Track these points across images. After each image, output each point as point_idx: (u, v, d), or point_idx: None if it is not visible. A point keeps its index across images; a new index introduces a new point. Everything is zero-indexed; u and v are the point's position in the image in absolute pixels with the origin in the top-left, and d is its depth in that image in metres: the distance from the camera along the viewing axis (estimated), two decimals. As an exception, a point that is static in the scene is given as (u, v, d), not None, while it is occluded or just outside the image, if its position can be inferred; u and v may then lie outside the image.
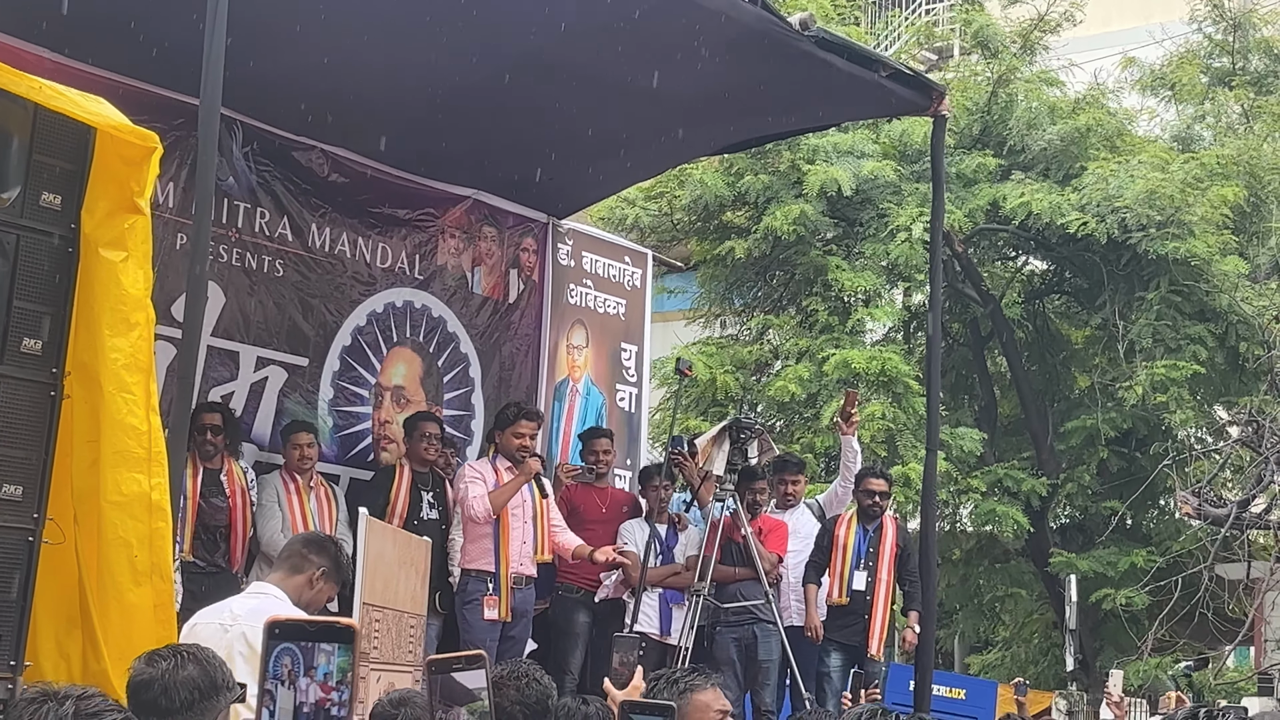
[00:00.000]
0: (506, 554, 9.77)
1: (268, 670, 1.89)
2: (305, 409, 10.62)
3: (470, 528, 9.80)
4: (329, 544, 6.14)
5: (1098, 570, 19.05)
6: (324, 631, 1.91)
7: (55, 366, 5.28)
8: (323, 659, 1.88)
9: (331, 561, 5.93)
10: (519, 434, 9.90)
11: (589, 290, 12.59)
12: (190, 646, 4.03)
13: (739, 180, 18.86)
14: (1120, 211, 17.87)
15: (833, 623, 10.57)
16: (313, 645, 1.89)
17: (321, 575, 5.84)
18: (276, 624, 1.92)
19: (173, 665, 3.72)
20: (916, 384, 17.43)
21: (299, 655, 1.89)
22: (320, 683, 1.88)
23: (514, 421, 9.96)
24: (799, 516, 11.11)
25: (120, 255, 5.26)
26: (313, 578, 5.82)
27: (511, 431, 9.91)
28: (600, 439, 11.09)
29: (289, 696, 1.87)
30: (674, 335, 20.49)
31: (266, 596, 5.63)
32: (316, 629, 1.92)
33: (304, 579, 5.81)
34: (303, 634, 1.91)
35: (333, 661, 1.89)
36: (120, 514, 5.19)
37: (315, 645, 1.89)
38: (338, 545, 6.32)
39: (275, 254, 10.54)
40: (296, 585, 5.78)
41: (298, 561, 5.86)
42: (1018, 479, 19.14)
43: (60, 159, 5.34)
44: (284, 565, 5.93)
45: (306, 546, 5.96)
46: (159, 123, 8.34)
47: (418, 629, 8.32)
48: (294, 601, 5.70)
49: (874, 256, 18.49)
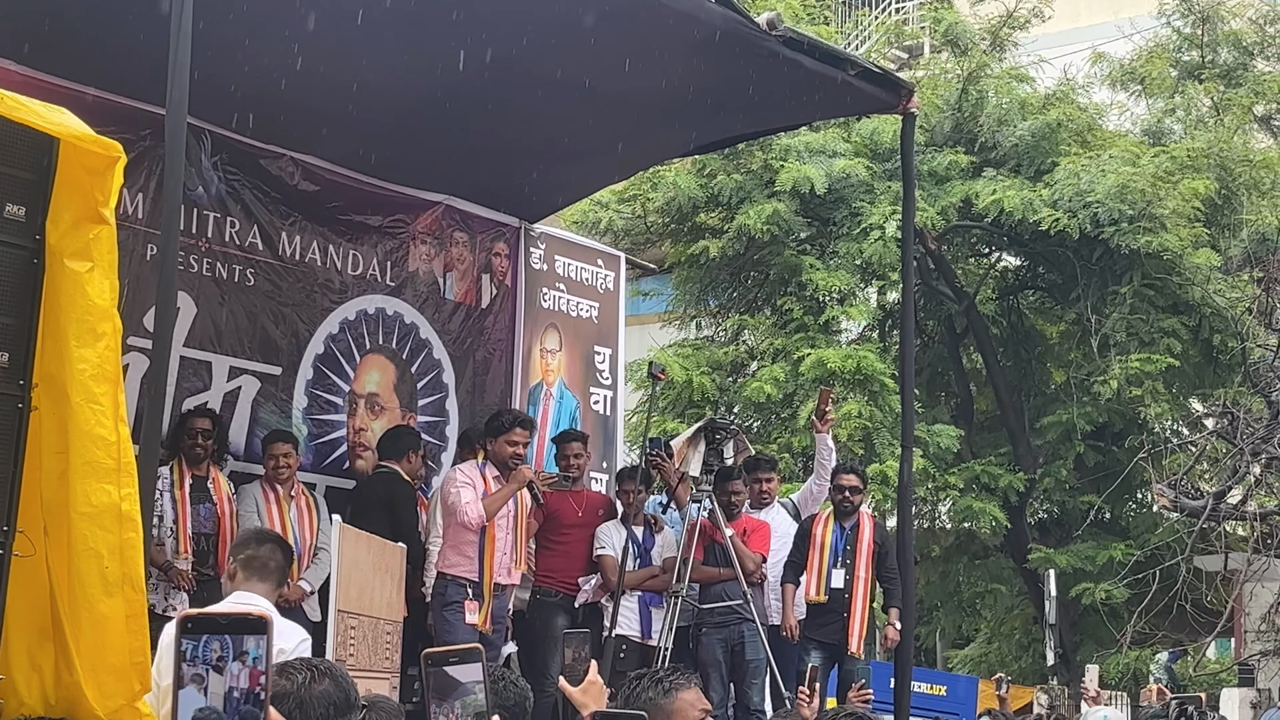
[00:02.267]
0: (491, 563, 9.73)
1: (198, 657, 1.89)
2: (280, 418, 10.59)
3: (454, 533, 9.73)
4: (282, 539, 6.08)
5: (1076, 565, 19.10)
6: (238, 624, 1.92)
7: (22, 378, 5.25)
8: (251, 644, 1.89)
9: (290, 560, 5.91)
10: (513, 442, 9.83)
11: (562, 294, 12.58)
12: (321, 661, 3.96)
13: (712, 181, 18.88)
14: (1092, 206, 17.93)
15: (812, 621, 10.57)
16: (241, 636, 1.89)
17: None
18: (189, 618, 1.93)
19: (308, 679, 3.64)
20: (892, 382, 17.47)
21: (229, 642, 1.89)
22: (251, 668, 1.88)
23: (509, 430, 9.88)
24: (775, 515, 11.11)
25: (86, 266, 5.23)
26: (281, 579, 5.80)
27: (505, 440, 9.84)
28: (573, 442, 11.04)
29: (220, 682, 1.87)
30: (650, 338, 20.50)
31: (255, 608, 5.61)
32: (229, 621, 1.92)
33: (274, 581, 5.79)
34: (216, 627, 1.91)
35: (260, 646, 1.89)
36: (90, 525, 5.16)
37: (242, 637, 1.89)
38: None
39: (246, 263, 10.50)
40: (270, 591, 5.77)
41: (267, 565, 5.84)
42: (995, 475, 19.20)
43: (23, 170, 5.30)
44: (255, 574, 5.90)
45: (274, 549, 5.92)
46: (126, 133, 8.29)
47: (394, 635, 8.31)
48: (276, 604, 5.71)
49: (848, 255, 18.53)
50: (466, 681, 2.53)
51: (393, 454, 10.34)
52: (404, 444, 10.42)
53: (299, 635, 5.41)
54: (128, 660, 5.18)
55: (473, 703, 2.52)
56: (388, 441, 10.50)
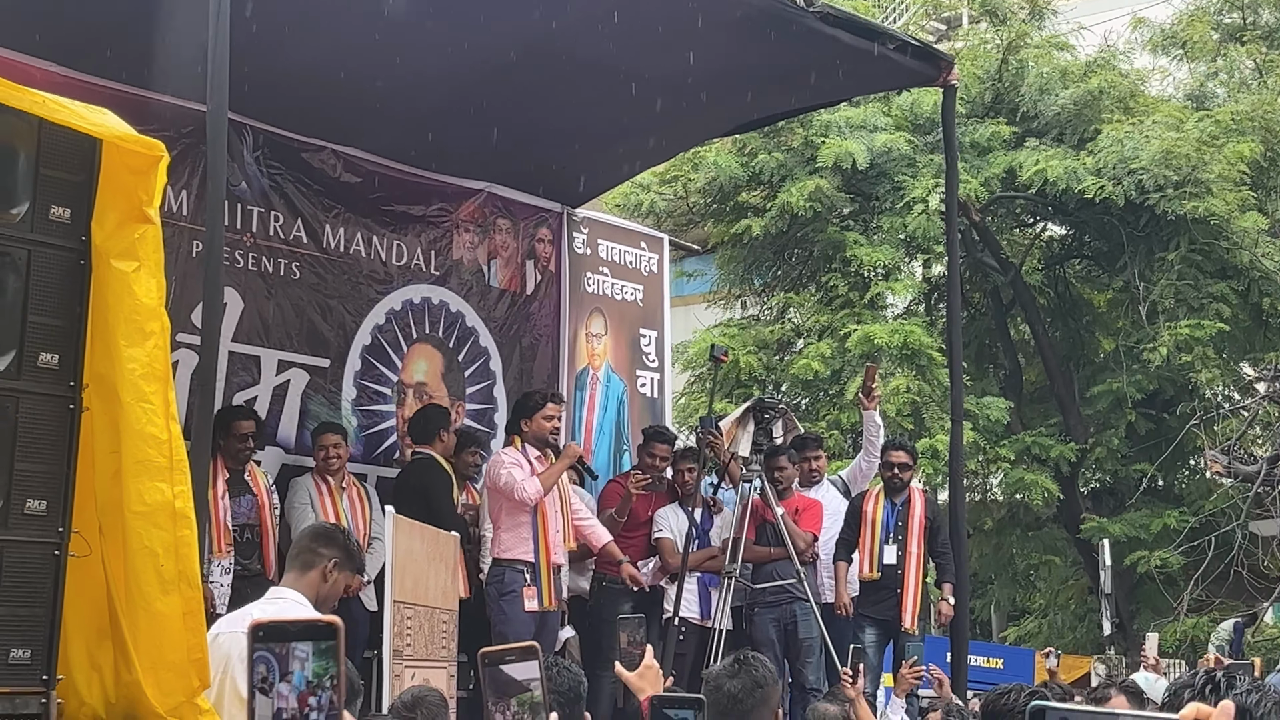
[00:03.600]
0: (546, 542, 9.73)
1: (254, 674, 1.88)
2: (329, 410, 10.63)
3: (507, 517, 9.73)
4: (336, 533, 6.05)
5: (1130, 533, 19.01)
6: (307, 630, 1.90)
7: (73, 379, 5.27)
8: (297, 665, 1.87)
9: (342, 551, 5.86)
10: (548, 417, 9.87)
11: (606, 278, 12.57)
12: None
13: (753, 160, 18.84)
14: (1137, 173, 17.80)
15: (865, 598, 10.55)
16: (288, 652, 1.87)
17: (334, 566, 5.78)
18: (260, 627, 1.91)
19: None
20: (940, 355, 17.40)
21: (273, 663, 1.87)
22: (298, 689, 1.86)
23: (542, 407, 9.92)
24: (824, 493, 11.08)
25: (132, 265, 5.24)
26: (325, 571, 5.76)
27: (541, 416, 9.87)
28: (661, 444, 10.99)
29: (267, 704, 1.86)
30: (695, 319, 20.48)
31: (285, 601, 5.60)
32: (299, 628, 1.91)
33: (317, 574, 5.75)
34: (285, 634, 1.90)
35: (308, 667, 1.87)
36: (145, 523, 5.18)
37: (290, 652, 1.87)
38: (345, 533, 6.24)
39: (291, 256, 10.54)
40: (311, 583, 5.73)
41: (308, 558, 5.80)
42: (1046, 446, 19.11)
43: (67, 172, 5.32)
44: (295, 564, 5.87)
45: (314, 541, 5.89)
46: (168, 131, 8.35)
47: (450, 624, 8.33)
48: (311, 600, 5.66)
49: (891, 230, 18.47)
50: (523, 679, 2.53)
51: (424, 438, 10.29)
52: (433, 425, 10.35)
53: None
54: (186, 657, 5.20)
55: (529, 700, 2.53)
56: (417, 426, 10.44)
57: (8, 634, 5.08)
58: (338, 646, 1.90)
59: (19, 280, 5.20)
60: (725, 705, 4.53)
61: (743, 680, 4.57)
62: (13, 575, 5.11)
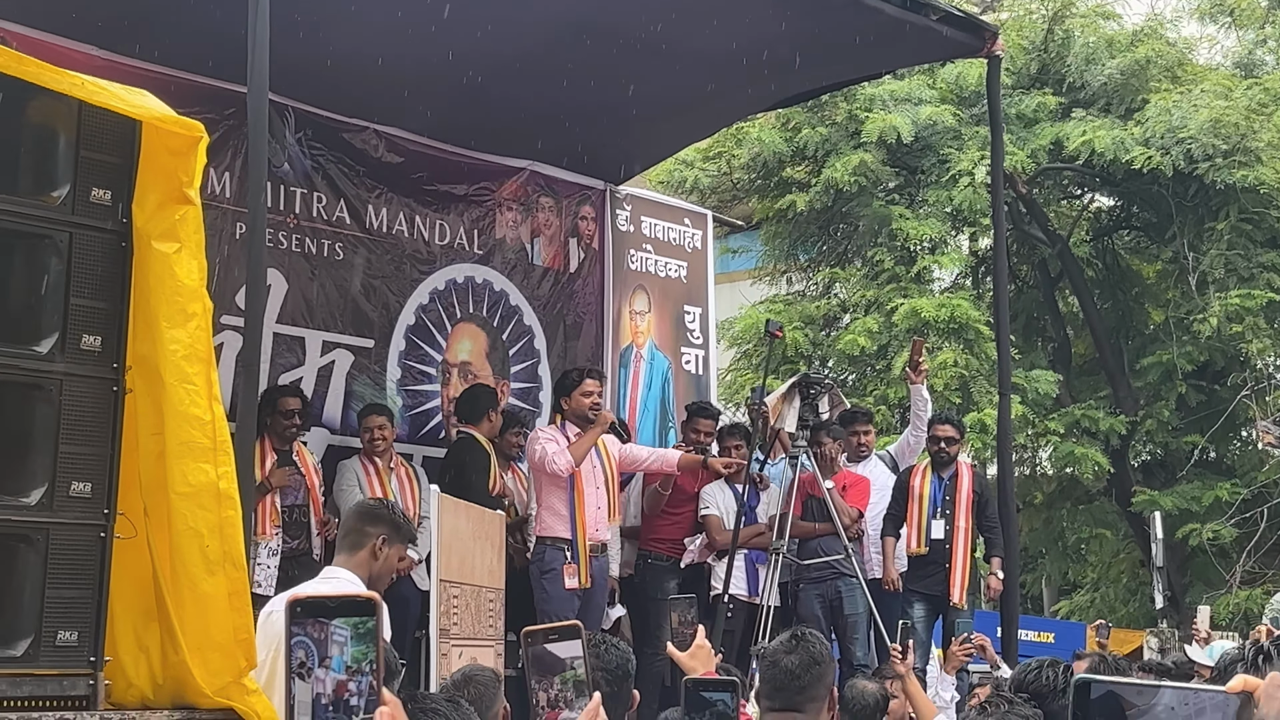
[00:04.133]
0: (583, 519, 9.72)
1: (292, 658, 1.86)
2: (374, 390, 10.64)
3: (545, 495, 9.74)
4: (381, 509, 6.04)
5: (1182, 506, 18.90)
6: (346, 606, 1.88)
7: (116, 362, 5.27)
8: (335, 650, 1.85)
9: (389, 525, 5.85)
10: (587, 393, 9.83)
11: (649, 255, 12.54)
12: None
13: (797, 135, 18.78)
14: (1185, 142, 17.65)
15: (913, 573, 10.51)
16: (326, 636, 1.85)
17: (383, 543, 5.77)
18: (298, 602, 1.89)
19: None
20: (987, 329, 17.31)
21: (312, 648, 1.85)
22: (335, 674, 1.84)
23: (580, 382, 9.89)
24: (872, 468, 11.04)
25: (173, 247, 5.24)
26: (375, 549, 5.76)
27: (579, 392, 9.84)
28: (705, 419, 10.95)
29: (306, 690, 1.84)
30: (740, 295, 20.43)
31: (339, 580, 5.61)
32: (337, 604, 1.88)
33: (366, 553, 5.75)
34: (324, 611, 1.87)
35: (346, 651, 1.85)
36: (189, 504, 5.18)
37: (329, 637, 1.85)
38: (390, 506, 6.23)
39: (334, 237, 10.56)
40: (361, 562, 5.73)
41: (356, 538, 5.80)
42: (1095, 419, 19.00)
43: (107, 154, 5.32)
44: (344, 546, 5.87)
45: (360, 520, 5.88)
46: (210, 113, 8.38)
47: (496, 603, 8.33)
48: (365, 579, 5.66)
49: (937, 203, 18.39)
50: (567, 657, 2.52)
51: (471, 417, 10.26)
52: (481, 405, 10.32)
53: None
54: (232, 637, 5.21)
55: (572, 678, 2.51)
56: (464, 405, 10.42)
57: (55, 616, 5.10)
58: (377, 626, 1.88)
59: (61, 263, 5.21)
60: (781, 681, 4.50)
61: (800, 656, 4.54)
62: (59, 558, 5.12)
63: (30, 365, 5.12)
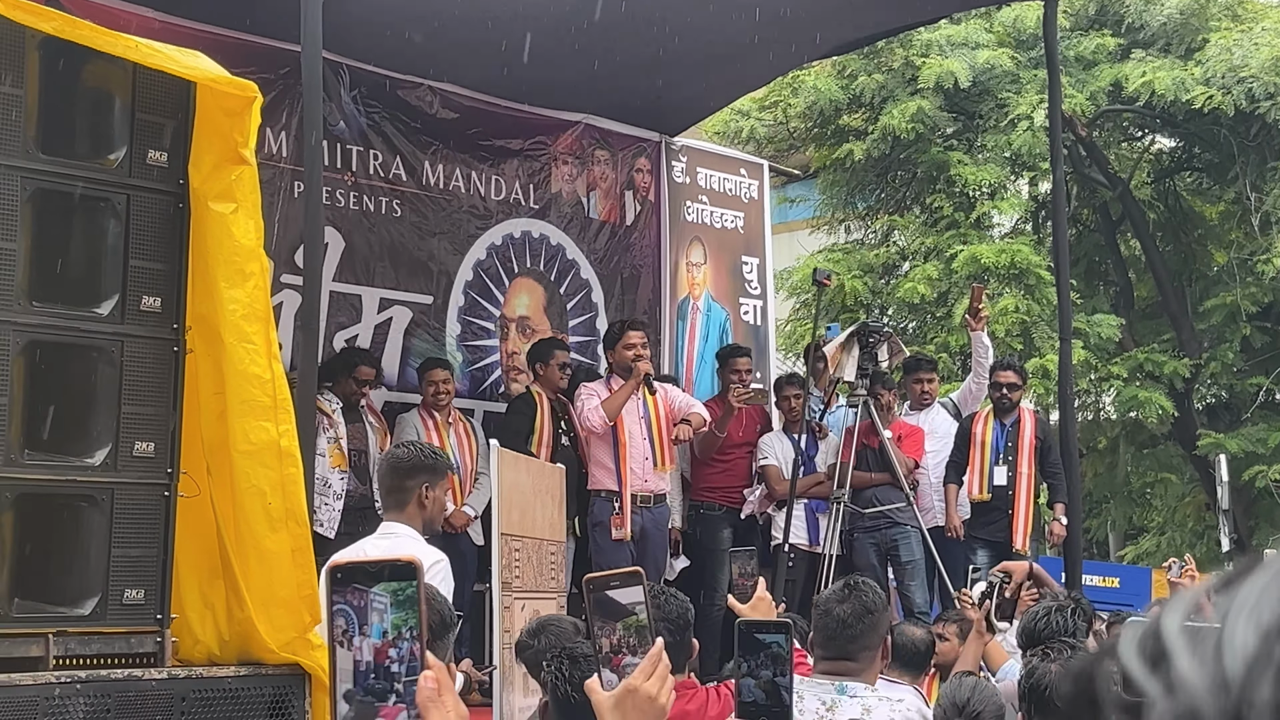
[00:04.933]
0: (626, 471, 9.75)
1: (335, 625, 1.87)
2: (433, 346, 10.69)
3: (591, 449, 9.80)
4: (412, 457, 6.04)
5: (1247, 448, 18.73)
6: (388, 570, 1.89)
7: (176, 322, 5.33)
8: (375, 618, 1.86)
9: (426, 471, 5.89)
10: (629, 345, 9.84)
11: (705, 206, 12.51)
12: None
13: (853, 82, 18.63)
14: (1246, 82, 17.41)
15: (976, 520, 10.49)
16: (365, 604, 1.86)
17: (426, 489, 5.83)
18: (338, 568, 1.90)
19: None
20: (1048, 274, 17.16)
21: (352, 615, 1.86)
22: (375, 641, 1.85)
23: (622, 335, 9.92)
24: (934, 416, 11.01)
25: (230, 207, 5.28)
26: (420, 499, 5.81)
27: (622, 345, 9.86)
28: (741, 357, 10.94)
29: (347, 657, 1.85)
30: (798, 245, 20.36)
31: (398, 537, 5.65)
32: (378, 568, 1.89)
33: (413, 506, 5.81)
34: (364, 576, 1.88)
35: (386, 619, 1.86)
36: (251, 463, 5.24)
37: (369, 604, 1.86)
38: (418, 447, 6.27)
39: (391, 194, 10.59)
40: (412, 515, 5.80)
41: (400, 495, 5.85)
42: (1159, 362, 18.84)
43: (163, 116, 5.36)
44: (391, 503, 5.93)
45: (397, 476, 5.91)
46: (265, 73, 8.42)
47: (558, 555, 8.37)
48: (420, 530, 5.74)
49: (996, 148, 18.23)
50: (628, 603, 2.53)
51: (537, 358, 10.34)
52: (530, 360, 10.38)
53: (432, 557, 5.45)
54: (296, 594, 5.27)
55: (635, 623, 2.52)
56: (532, 351, 10.52)
57: (121, 575, 5.17)
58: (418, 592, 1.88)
59: (119, 225, 5.26)
60: (834, 630, 4.52)
61: (852, 605, 4.55)
62: (124, 517, 5.19)
63: (92, 327, 5.19)
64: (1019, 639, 5.07)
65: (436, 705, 1.82)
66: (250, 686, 5.25)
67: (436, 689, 1.82)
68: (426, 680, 1.82)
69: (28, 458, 4.99)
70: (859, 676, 4.50)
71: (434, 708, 1.82)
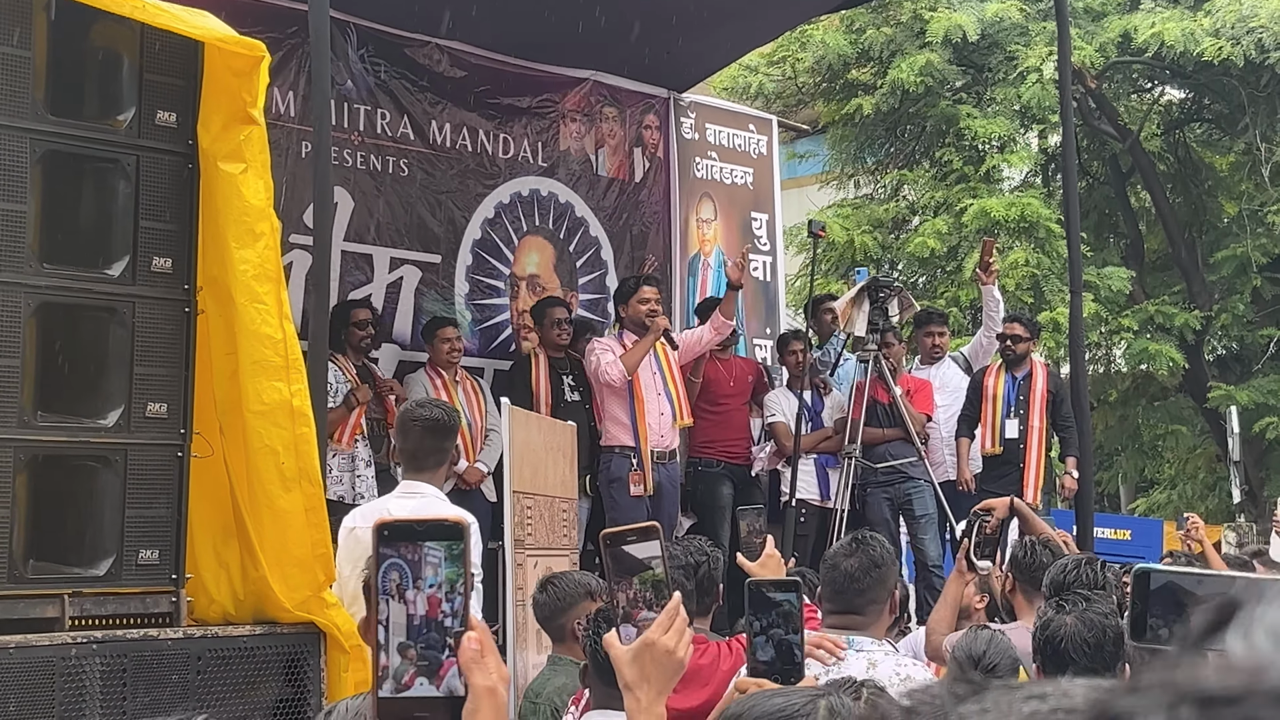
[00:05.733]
0: (644, 426, 9.75)
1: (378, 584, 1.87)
2: (443, 305, 10.69)
3: (608, 405, 9.79)
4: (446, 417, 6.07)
5: (1258, 400, 18.72)
6: (433, 529, 1.89)
7: (187, 283, 5.33)
8: (429, 571, 1.86)
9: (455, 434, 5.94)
10: (644, 300, 9.84)
11: (714, 162, 12.49)
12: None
13: (861, 36, 18.57)
14: (1256, 32, 17.33)
15: (988, 473, 10.49)
16: (419, 558, 1.86)
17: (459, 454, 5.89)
18: (385, 526, 1.90)
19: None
20: (1058, 227, 17.12)
21: (406, 569, 1.86)
22: (429, 594, 1.86)
23: (636, 289, 9.91)
24: (945, 370, 11.01)
25: (239, 167, 5.28)
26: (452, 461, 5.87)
27: (636, 299, 9.85)
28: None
29: (400, 610, 1.85)
30: (808, 200, 20.31)
31: (424, 496, 5.67)
32: (425, 527, 1.89)
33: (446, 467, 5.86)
34: (411, 534, 1.88)
35: (440, 573, 1.86)
36: (264, 423, 5.26)
37: (423, 558, 1.86)
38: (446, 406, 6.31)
39: (399, 154, 10.57)
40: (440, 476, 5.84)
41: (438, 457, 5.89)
42: (1170, 314, 18.82)
43: (171, 76, 5.36)
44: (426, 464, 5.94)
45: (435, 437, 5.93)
46: (272, 32, 8.37)
47: (570, 512, 8.39)
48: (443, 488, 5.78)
49: (1005, 101, 18.17)
50: (645, 557, 2.53)
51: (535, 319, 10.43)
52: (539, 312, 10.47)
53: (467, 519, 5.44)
54: (310, 552, 5.29)
55: (651, 578, 2.53)
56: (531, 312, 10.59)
57: (136, 535, 5.19)
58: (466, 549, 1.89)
59: (129, 186, 5.26)
60: (841, 584, 4.52)
61: (859, 559, 4.55)
62: (138, 478, 5.20)
63: (103, 289, 5.19)
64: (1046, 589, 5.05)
65: (480, 665, 1.82)
66: (265, 645, 5.28)
67: (480, 650, 1.83)
68: (470, 641, 1.83)
69: (41, 420, 5.01)
70: (866, 630, 4.51)
71: (477, 668, 1.82)
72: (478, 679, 1.82)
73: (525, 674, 6.78)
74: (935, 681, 0.97)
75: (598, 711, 4.13)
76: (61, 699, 4.78)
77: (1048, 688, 0.94)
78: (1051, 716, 0.90)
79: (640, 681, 2.46)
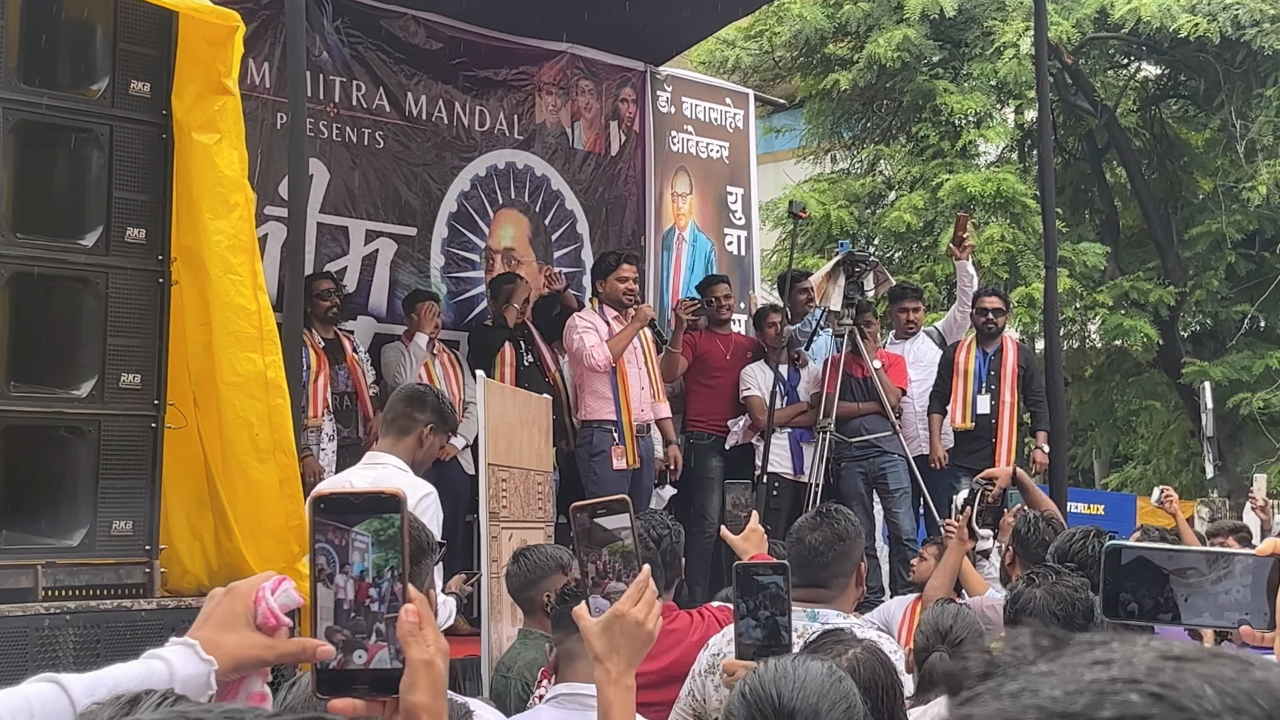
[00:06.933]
0: (628, 401, 9.76)
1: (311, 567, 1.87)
2: (418, 278, 10.68)
3: (588, 379, 9.78)
4: (429, 395, 6.04)
5: (1232, 376, 18.81)
6: (373, 503, 1.89)
7: (161, 254, 5.33)
8: (357, 556, 1.86)
9: (436, 415, 5.85)
10: (623, 278, 9.83)
11: (690, 136, 12.48)
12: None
13: (838, 10, 18.56)
14: (1232, 9, 17.37)
15: (960, 449, 10.51)
16: (347, 544, 1.86)
17: (430, 430, 5.79)
18: (321, 499, 1.90)
19: None
20: (1034, 203, 17.15)
21: (333, 554, 1.86)
22: (356, 579, 1.86)
23: (616, 267, 9.89)
24: (920, 345, 11.03)
25: (214, 138, 5.27)
26: (421, 436, 5.77)
27: (615, 277, 9.85)
28: (719, 284, 10.98)
29: (328, 595, 1.86)
30: (784, 175, 20.32)
31: (385, 466, 5.62)
32: (363, 500, 1.89)
33: (413, 439, 5.76)
34: (350, 506, 1.88)
35: (367, 559, 1.86)
36: (238, 394, 5.26)
37: (350, 543, 1.86)
38: (438, 394, 6.23)
39: (374, 126, 10.55)
40: (408, 447, 5.74)
41: (404, 423, 5.80)
42: (1144, 290, 18.88)
43: (145, 46, 5.34)
44: (392, 430, 5.87)
45: (409, 405, 5.88)
46: (248, 3, 8.35)
47: (544, 485, 8.39)
48: (409, 463, 5.68)
49: (982, 76, 18.17)
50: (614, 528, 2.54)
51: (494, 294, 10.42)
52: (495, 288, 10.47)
53: (420, 491, 5.42)
54: (284, 524, 5.29)
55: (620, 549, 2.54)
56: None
57: (110, 506, 5.19)
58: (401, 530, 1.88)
59: (102, 157, 5.25)
60: (806, 557, 4.53)
61: (824, 533, 4.56)
62: (111, 449, 5.20)
63: (76, 259, 5.18)
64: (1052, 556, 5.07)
65: (417, 639, 1.83)
66: (239, 616, 5.27)
67: (418, 622, 1.83)
68: (407, 614, 1.83)
69: (14, 390, 5.00)
70: (832, 603, 4.52)
71: (414, 641, 1.82)
72: (415, 652, 1.82)
73: (500, 646, 6.79)
74: (1021, 631, 0.97)
75: (566, 684, 4.15)
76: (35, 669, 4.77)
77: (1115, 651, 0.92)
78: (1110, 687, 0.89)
79: (610, 653, 2.48)
